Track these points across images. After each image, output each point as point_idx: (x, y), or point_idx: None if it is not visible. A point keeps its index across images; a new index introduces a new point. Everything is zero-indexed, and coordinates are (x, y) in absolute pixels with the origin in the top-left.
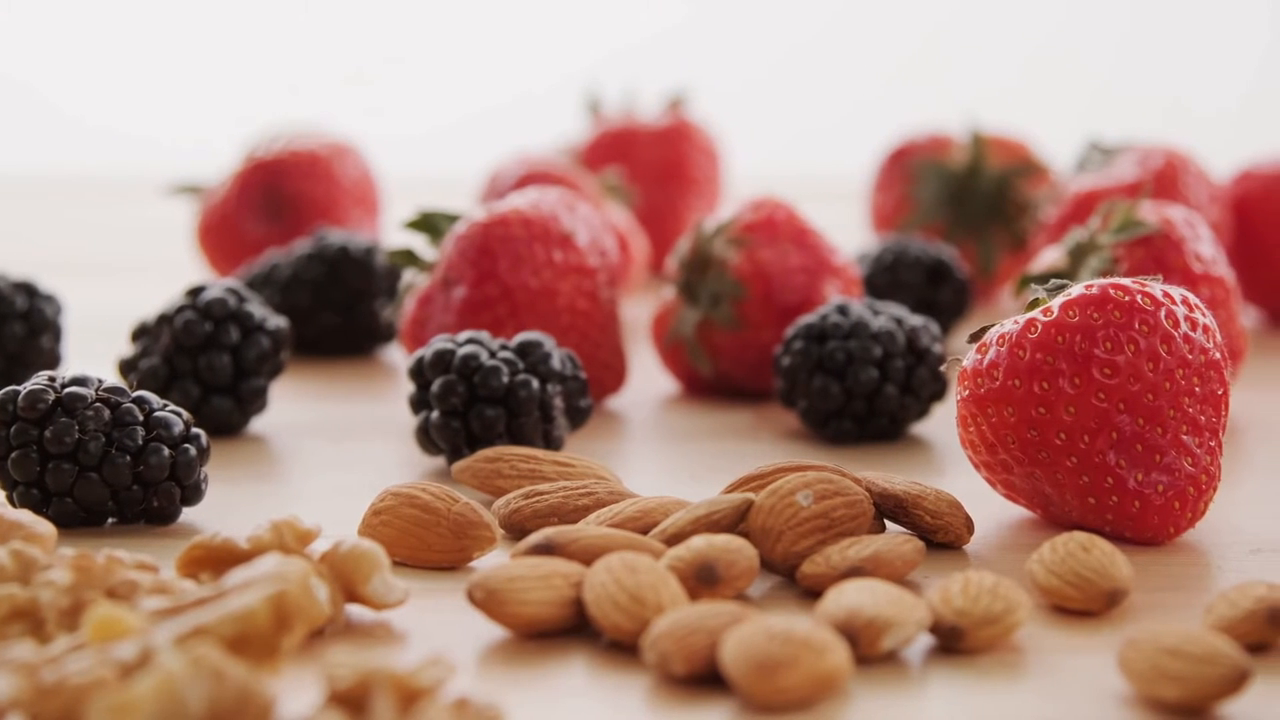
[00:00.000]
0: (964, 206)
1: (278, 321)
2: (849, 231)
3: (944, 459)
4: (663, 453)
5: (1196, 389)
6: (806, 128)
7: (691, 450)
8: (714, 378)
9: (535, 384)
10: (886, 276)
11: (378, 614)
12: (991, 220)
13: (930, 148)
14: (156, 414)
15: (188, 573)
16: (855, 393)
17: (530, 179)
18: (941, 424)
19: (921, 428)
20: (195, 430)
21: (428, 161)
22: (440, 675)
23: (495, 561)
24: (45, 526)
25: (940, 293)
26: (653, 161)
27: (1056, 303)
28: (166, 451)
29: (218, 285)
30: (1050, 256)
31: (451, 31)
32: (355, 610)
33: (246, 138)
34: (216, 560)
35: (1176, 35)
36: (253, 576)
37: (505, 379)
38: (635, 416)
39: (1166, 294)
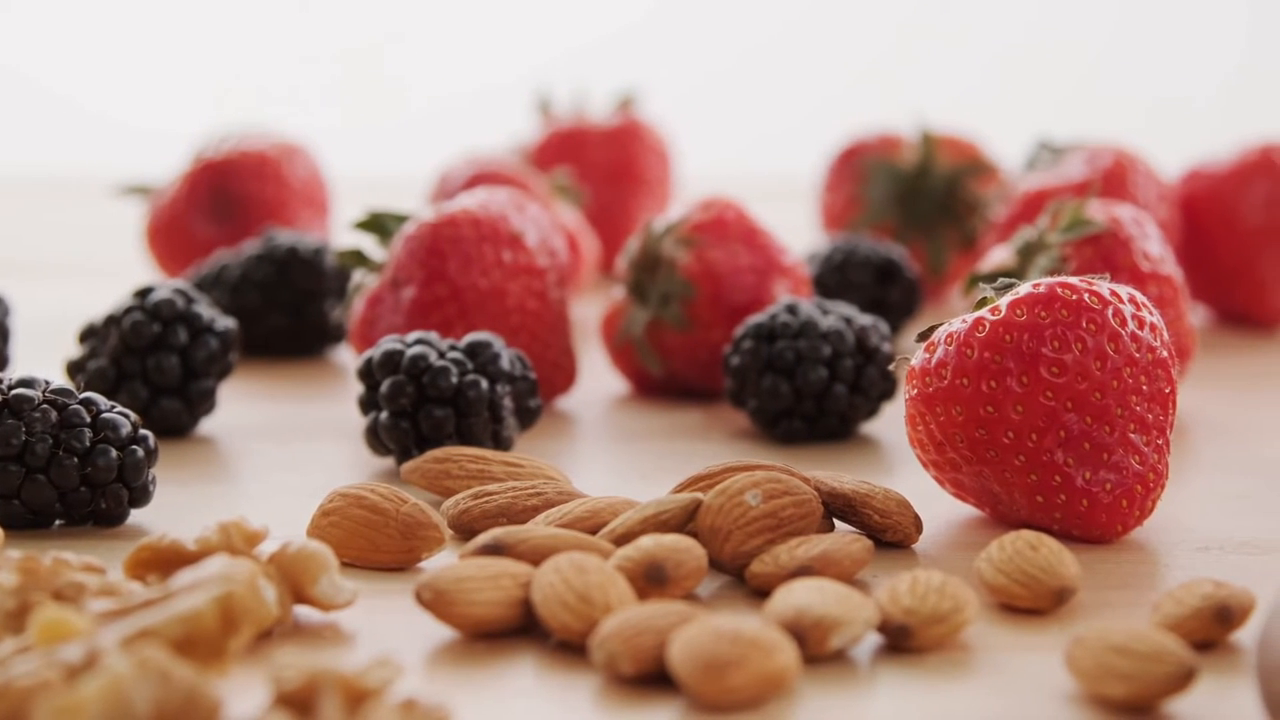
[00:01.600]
0: (914, 206)
1: (226, 323)
2: (799, 231)
3: (893, 458)
4: (612, 453)
5: (1144, 387)
6: (757, 127)
7: (641, 450)
8: (664, 377)
9: (484, 384)
10: (836, 276)
11: (326, 615)
12: (941, 219)
13: (880, 147)
14: (104, 415)
15: (135, 574)
16: (805, 392)
17: (480, 179)
18: (891, 423)
19: (871, 427)
20: (143, 432)
21: (378, 162)
22: (388, 676)
23: (444, 562)
24: None
25: (890, 292)
26: (603, 161)
27: (1004, 302)
28: (114, 453)
29: (166, 286)
30: (999, 255)
31: (401, 31)
32: (303, 611)
33: (195, 138)
34: (164, 562)
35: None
36: (200, 578)
37: (454, 379)
38: (585, 416)
39: (1114, 292)
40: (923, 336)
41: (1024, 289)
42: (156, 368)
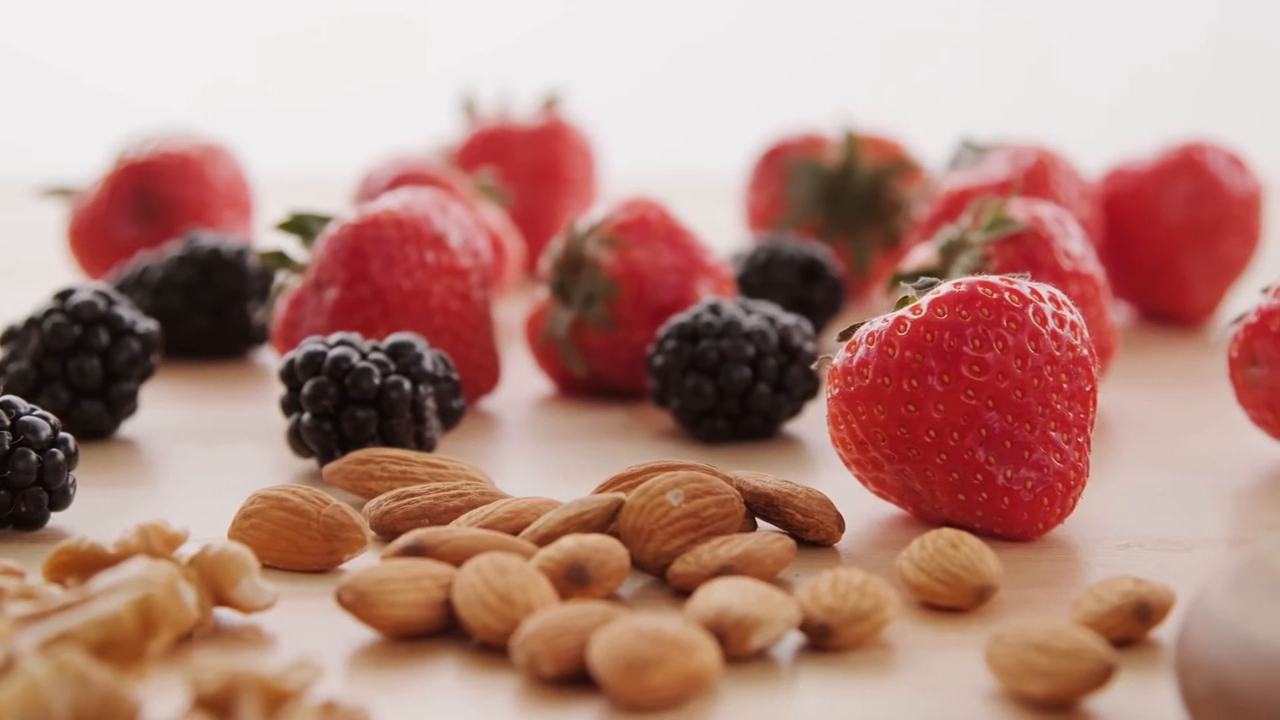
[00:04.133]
0: (838, 205)
1: (148, 324)
2: (724, 231)
3: (816, 457)
4: (536, 453)
5: (1064, 385)
6: (684, 128)
7: (564, 450)
8: (587, 378)
9: (407, 385)
10: (760, 275)
11: (247, 617)
12: (865, 219)
13: (804, 146)
14: (23, 418)
15: (54, 578)
16: (728, 392)
17: (403, 180)
18: (814, 422)
19: (794, 426)
20: (63, 434)
21: (301, 162)
22: (307, 678)
23: (366, 564)
24: None
25: (814, 291)
26: (528, 162)
27: (925, 301)
28: (33, 456)
29: (87, 288)
30: (922, 254)
31: (324, 30)
32: (224, 614)
33: (118, 140)
34: (83, 565)
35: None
36: (119, 581)
37: (377, 381)
38: (509, 417)
39: (1034, 291)
40: (844, 336)
41: (945, 288)
42: (77, 370)
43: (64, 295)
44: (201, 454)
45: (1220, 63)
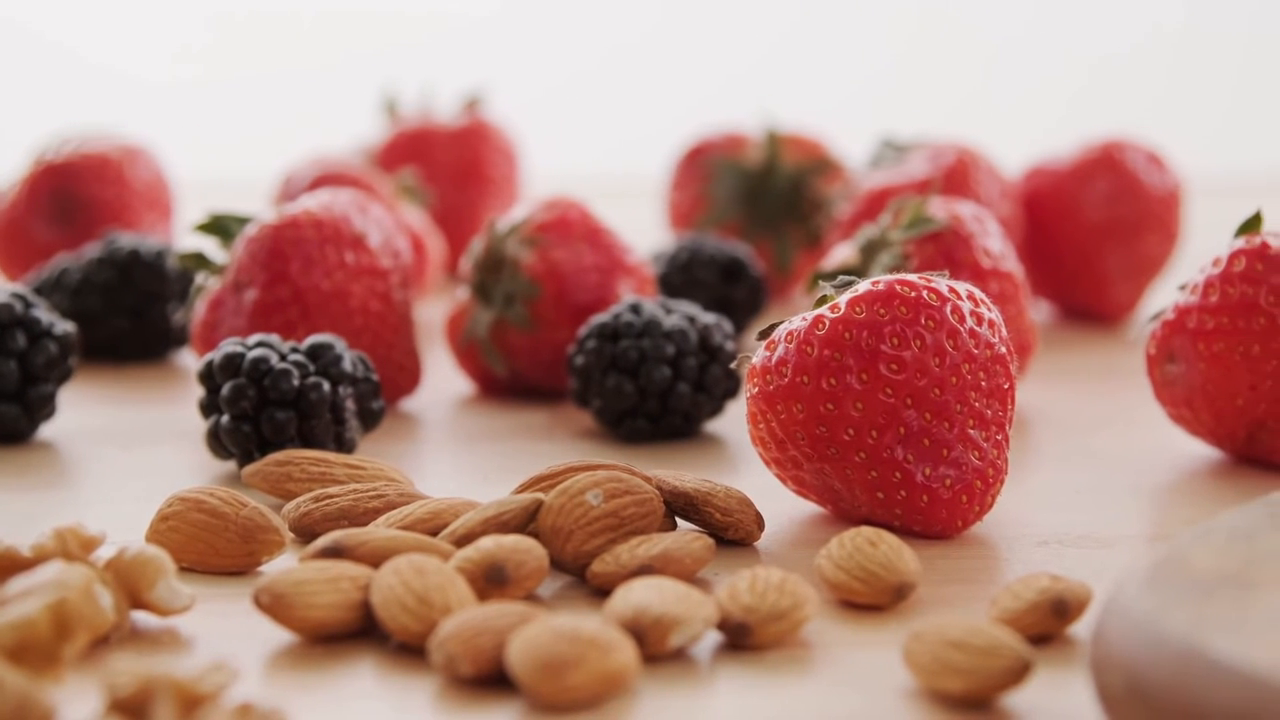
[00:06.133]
0: (759, 204)
1: (65, 326)
2: (647, 230)
3: (737, 456)
4: (456, 454)
5: (983, 383)
6: (608, 128)
7: (485, 451)
8: (509, 378)
9: (326, 387)
10: (682, 275)
11: (164, 620)
12: (787, 218)
13: (726, 146)
14: None
15: None
16: (648, 391)
17: (324, 181)
18: (735, 421)
19: (715, 425)
20: None
21: (221, 164)
22: (222, 681)
23: (284, 565)
24: None
25: (735, 290)
26: (450, 162)
27: (844, 299)
28: None
29: (3, 290)
30: (842, 253)
31: (246, 31)
32: (142, 617)
33: (36, 141)
34: None
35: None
36: (33, 584)
37: (296, 382)
38: (430, 418)
39: (952, 289)
40: (763, 335)
41: (863, 286)
42: None
43: None
44: (120, 456)
45: (1140, 62)
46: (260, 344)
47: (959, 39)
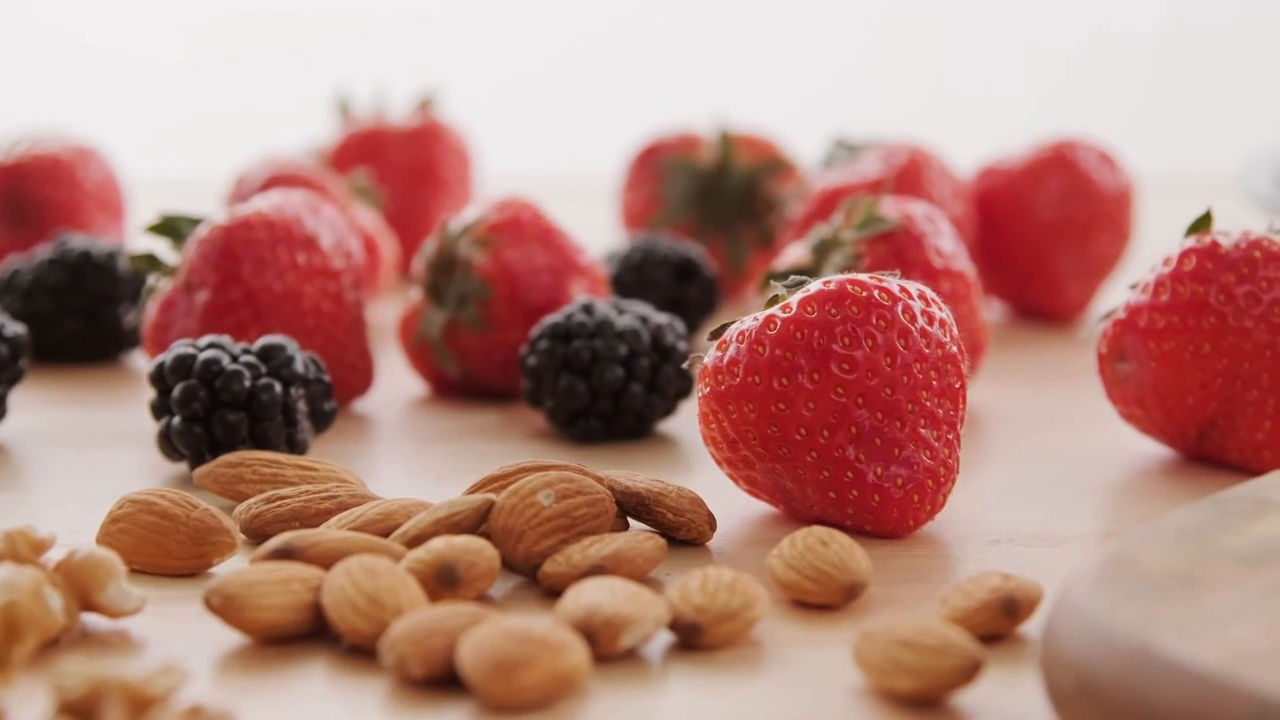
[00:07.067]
0: (713, 204)
1: (16, 328)
2: (600, 231)
3: (690, 456)
4: (409, 454)
5: (934, 383)
6: (563, 129)
7: (437, 451)
8: (461, 378)
9: (278, 388)
10: (635, 275)
11: (114, 622)
12: (740, 218)
13: (679, 146)
14: None
15: None
16: (601, 391)
17: (276, 181)
18: (688, 421)
19: (668, 425)
20: None
21: (173, 165)
22: (172, 683)
23: (235, 567)
24: None
25: (689, 290)
26: (402, 162)
27: (795, 299)
28: None
29: None
30: (795, 253)
31: (197, 32)
32: (93, 619)
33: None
34: None
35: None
36: None
37: (247, 383)
38: (382, 418)
39: (903, 289)
40: (715, 335)
41: (815, 286)
42: None
43: None
44: (71, 458)
45: (1092, 62)
46: (212, 345)
47: (915, 41)
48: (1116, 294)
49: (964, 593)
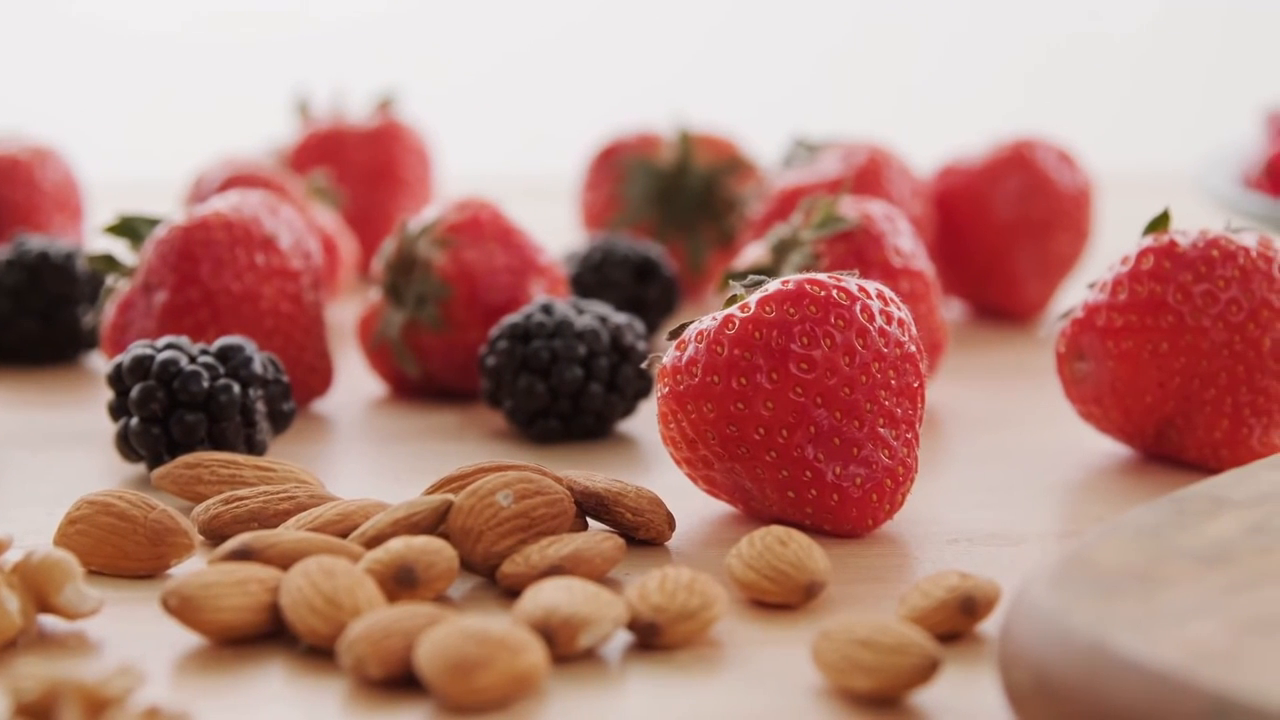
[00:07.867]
0: (672, 204)
1: None
2: (560, 230)
3: (650, 456)
4: (368, 455)
5: (892, 382)
6: (518, 128)
7: (397, 452)
8: (421, 379)
9: (236, 389)
10: (594, 275)
11: (71, 624)
12: (700, 218)
13: (639, 146)
14: None
15: None
16: (560, 391)
17: (235, 182)
18: (648, 421)
19: (628, 425)
20: None
21: (132, 165)
22: (129, 684)
23: (193, 568)
24: None
25: (648, 290)
26: (362, 163)
27: (754, 299)
28: None
29: None
30: (754, 253)
31: (157, 31)
32: (50, 621)
33: None
34: None
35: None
36: None
37: (205, 384)
38: (341, 419)
39: (862, 288)
40: (674, 334)
41: (773, 286)
42: None
43: None
44: (28, 459)
45: (1050, 60)
46: (170, 346)
47: (877, 43)
48: (1075, 293)
49: (922, 592)
